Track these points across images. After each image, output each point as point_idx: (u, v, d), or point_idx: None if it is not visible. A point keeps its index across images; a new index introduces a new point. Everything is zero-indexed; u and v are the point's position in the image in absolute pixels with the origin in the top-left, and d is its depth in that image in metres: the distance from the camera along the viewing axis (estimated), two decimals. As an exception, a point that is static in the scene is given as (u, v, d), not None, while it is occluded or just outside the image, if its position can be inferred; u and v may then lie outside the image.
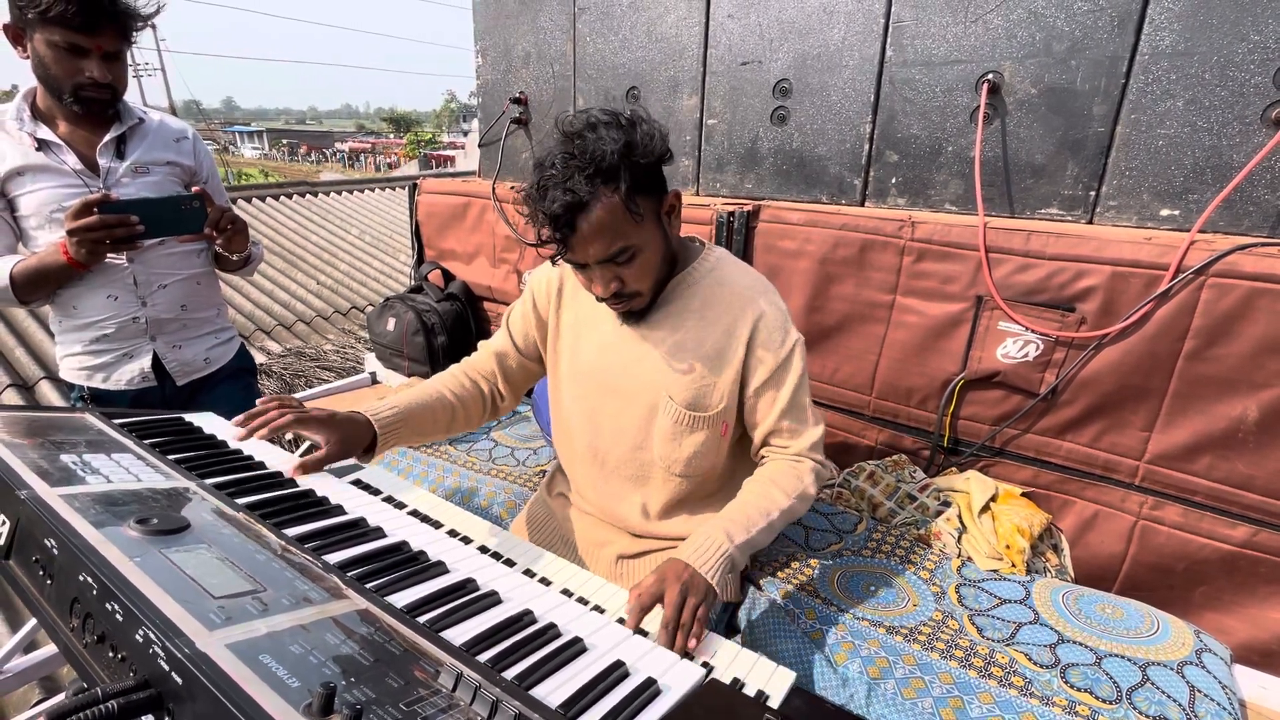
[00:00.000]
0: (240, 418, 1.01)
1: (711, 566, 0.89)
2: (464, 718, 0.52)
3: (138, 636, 0.55)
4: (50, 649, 1.60)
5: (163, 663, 0.52)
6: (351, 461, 1.07)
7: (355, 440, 1.04)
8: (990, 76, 1.56)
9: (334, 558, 0.77)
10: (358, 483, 1.04)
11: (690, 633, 0.77)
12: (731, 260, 1.16)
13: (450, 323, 2.67)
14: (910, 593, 1.36)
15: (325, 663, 0.55)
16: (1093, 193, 1.52)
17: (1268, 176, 1.33)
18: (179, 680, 0.51)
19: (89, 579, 0.61)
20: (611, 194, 0.93)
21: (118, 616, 0.57)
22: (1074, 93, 1.49)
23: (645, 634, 0.77)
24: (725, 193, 2.08)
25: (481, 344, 1.31)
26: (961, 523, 1.52)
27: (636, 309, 1.08)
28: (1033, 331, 1.51)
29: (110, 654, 0.57)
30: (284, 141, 51.67)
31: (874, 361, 1.77)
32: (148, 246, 1.43)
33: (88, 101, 1.33)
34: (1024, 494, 1.59)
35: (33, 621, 1.60)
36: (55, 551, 0.66)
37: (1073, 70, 1.48)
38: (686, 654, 0.75)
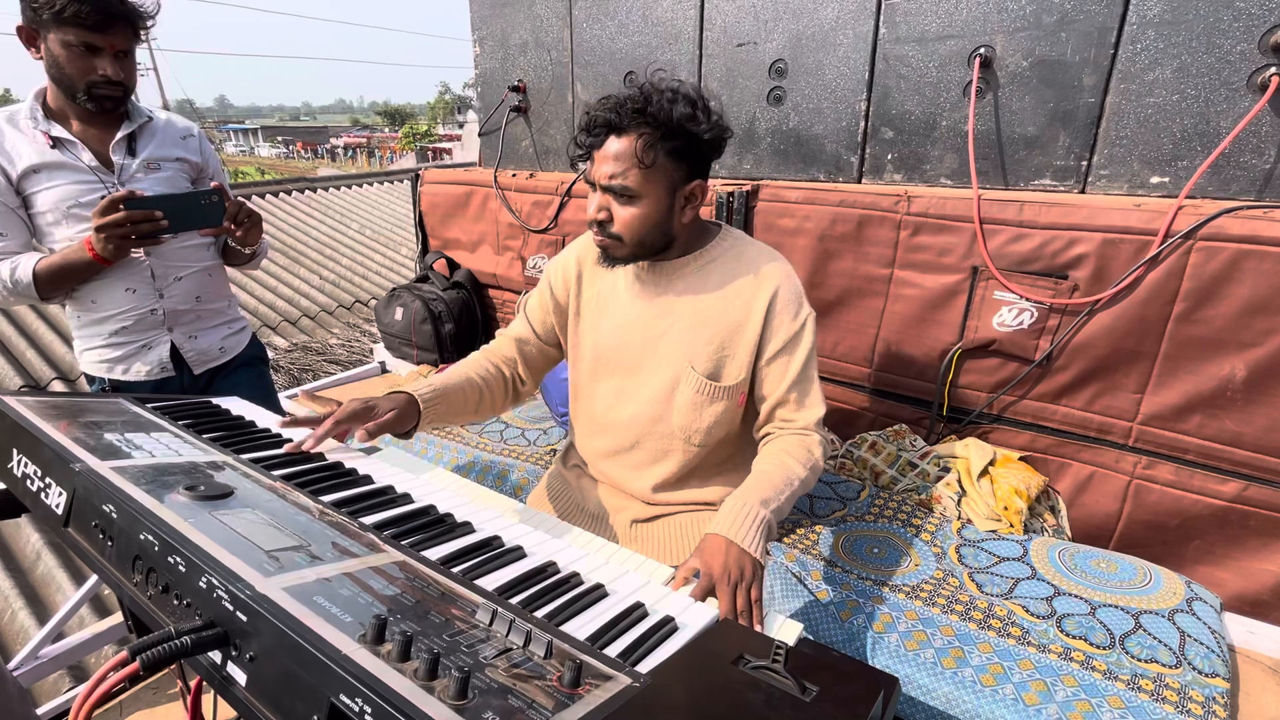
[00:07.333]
0: (292, 445, 1.02)
1: (751, 537, 0.91)
2: (501, 646, 0.57)
3: (201, 584, 0.60)
4: (77, 638, 1.68)
5: (227, 604, 0.57)
6: (372, 444, 1.12)
7: (406, 414, 1.10)
8: (982, 50, 1.59)
9: (368, 520, 0.82)
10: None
11: (751, 618, 0.82)
12: (748, 240, 1.22)
13: (457, 311, 2.71)
14: (912, 554, 1.41)
15: (373, 603, 0.60)
16: (1084, 162, 1.56)
17: (1254, 141, 1.36)
18: (244, 619, 0.56)
19: (149, 537, 0.66)
20: (641, 135, 1.04)
21: (180, 568, 0.62)
22: (1064, 64, 1.52)
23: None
24: (724, 174, 2.11)
25: (500, 332, 1.36)
26: (961, 487, 1.57)
27: (613, 254, 1.14)
28: (1027, 300, 1.55)
29: (175, 601, 0.63)
30: (279, 138, 51.42)
31: (873, 334, 1.81)
32: (164, 240, 1.48)
33: (101, 99, 1.37)
34: (1021, 458, 1.64)
35: (60, 613, 1.67)
36: (114, 516, 0.71)
37: (1063, 42, 1.51)
38: None
